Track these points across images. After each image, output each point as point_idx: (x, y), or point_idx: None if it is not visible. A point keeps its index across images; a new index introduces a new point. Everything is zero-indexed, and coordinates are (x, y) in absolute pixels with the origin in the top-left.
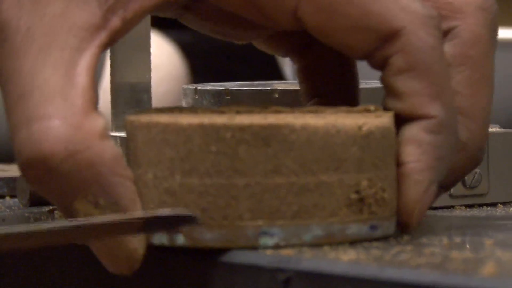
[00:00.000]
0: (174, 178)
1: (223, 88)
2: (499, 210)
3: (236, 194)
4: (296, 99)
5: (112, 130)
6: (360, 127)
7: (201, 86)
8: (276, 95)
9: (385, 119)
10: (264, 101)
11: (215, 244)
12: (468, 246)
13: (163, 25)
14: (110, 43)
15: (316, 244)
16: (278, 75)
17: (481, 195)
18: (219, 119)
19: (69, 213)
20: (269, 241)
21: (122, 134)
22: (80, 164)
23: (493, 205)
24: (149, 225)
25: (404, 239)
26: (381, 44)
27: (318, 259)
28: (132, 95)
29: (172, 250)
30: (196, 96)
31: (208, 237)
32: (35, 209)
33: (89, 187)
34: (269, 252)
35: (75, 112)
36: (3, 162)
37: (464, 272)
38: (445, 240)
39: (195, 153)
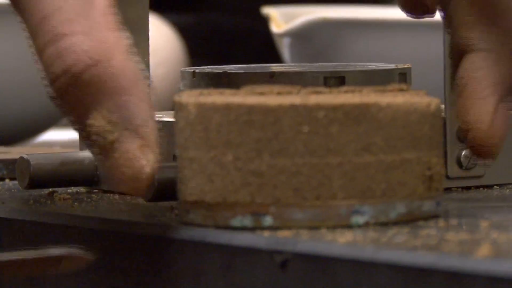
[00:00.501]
0: (261, 159)
1: (221, 71)
2: (496, 192)
3: (330, 173)
4: (294, 81)
5: None
6: (428, 105)
7: (199, 69)
8: (274, 77)
9: (435, 99)
10: (262, 82)
11: (306, 224)
12: (464, 228)
13: (162, 7)
14: None
15: (399, 222)
16: (277, 58)
17: (477, 177)
18: (308, 100)
19: (82, 130)
20: (360, 219)
21: None
22: (101, 74)
23: (490, 187)
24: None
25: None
26: None
27: (315, 241)
28: None
29: (166, 238)
30: (194, 79)
31: (299, 216)
32: (34, 192)
33: (106, 100)
34: (266, 234)
35: (98, 28)
36: (3, 144)
37: (459, 253)
38: (441, 222)
39: (285, 133)
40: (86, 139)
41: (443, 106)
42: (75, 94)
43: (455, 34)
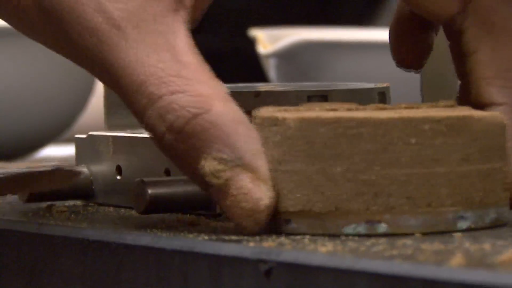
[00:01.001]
0: (372, 169)
1: None
2: None
3: (437, 182)
4: (279, 100)
5: (105, 129)
6: (502, 118)
7: None
8: (260, 96)
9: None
10: (248, 101)
11: (418, 230)
12: (438, 238)
13: None
14: (193, 19)
15: (491, 227)
16: (263, 77)
17: None
18: (407, 113)
19: (196, 175)
20: (464, 224)
21: (115, 134)
22: (204, 124)
23: None
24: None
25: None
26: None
27: (298, 250)
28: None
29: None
30: None
31: (412, 223)
32: (33, 205)
33: (213, 144)
34: (251, 244)
35: (192, 84)
36: (2, 160)
37: (434, 262)
38: (417, 233)
39: (394, 145)
40: (201, 181)
41: None
42: (182, 146)
43: (474, 87)
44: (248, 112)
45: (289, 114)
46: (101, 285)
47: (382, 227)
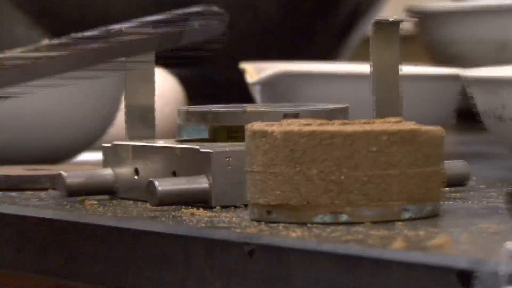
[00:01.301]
0: (340, 171)
1: (207, 109)
2: None
3: (390, 182)
4: (261, 117)
5: (126, 140)
6: (442, 131)
7: (191, 108)
8: (246, 114)
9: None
10: (238, 117)
11: (372, 219)
12: (384, 226)
13: (167, 63)
14: None
15: (428, 217)
16: (251, 101)
17: None
18: (366, 127)
19: None
20: (406, 215)
21: (134, 143)
22: None
23: None
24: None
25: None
26: None
27: (274, 236)
28: (140, 114)
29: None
30: (188, 115)
31: (366, 214)
32: (71, 199)
33: None
34: (238, 230)
35: None
36: (47, 163)
37: (380, 246)
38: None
39: (359, 152)
40: None
41: None
42: None
43: None
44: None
45: (275, 128)
46: (121, 262)
47: (344, 217)
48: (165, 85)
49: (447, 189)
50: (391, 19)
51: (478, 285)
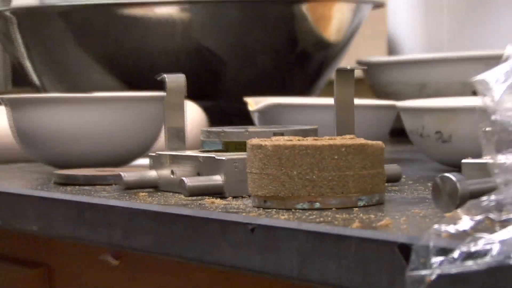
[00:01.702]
0: (313, 172)
1: (221, 129)
2: None
3: (347, 180)
4: (258, 135)
5: (166, 150)
6: (380, 144)
7: (210, 128)
8: (247, 133)
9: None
10: (242, 135)
11: (336, 206)
12: (346, 211)
13: (195, 97)
14: None
15: (376, 204)
16: (251, 123)
17: None
18: (330, 142)
19: None
20: (361, 203)
21: (171, 153)
22: None
23: None
24: None
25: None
26: None
27: (268, 218)
28: (176, 133)
29: (194, 216)
30: (208, 133)
31: (333, 202)
32: (128, 191)
33: None
34: (244, 214)
35: None
36: (112, 167)
37: (342, 225)
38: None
39: (324, 160)
40: None
41: None
42: None
43: None
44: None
45: (267, 142)
46: (163, 236)
47: (317, 205)
48: (193, 113)
49: (387, 184)
50: (347, 68)
51: (413, 255)
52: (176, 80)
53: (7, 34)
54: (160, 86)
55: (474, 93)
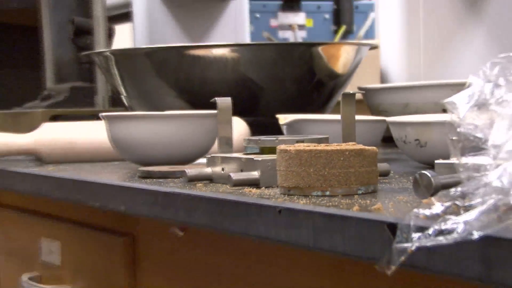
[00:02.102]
0: (325, 170)
1: (258, 138)
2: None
3: (350, 175)
4: (285, 142)
5: (218, 153)
6: (374, 149)
7: (250, 137)
8: (277, 141)
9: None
10: (273, 142)
11: (342, 194)
12: (347, 198)
13: (240, 113)
14: None
15: (371, 192)
16: (281, 133)
17: None
18: (338, 147)
19: None
20: (360, 192)
21: (222, 155)
22: None
23: None
24: None
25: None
26: None
27: (291, 202)
28: (226, 141)
29: (235, 201)
30: (249, 141)
31: (339, 191)
32: (190, 183)
33: None
34: (273, 199)
35: None
36: (180, 164)
37: (345, 208)
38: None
39: (333, 160)
40: None
41: None
42: None
43: None
44: (274, 147)
45: (291, 148)
46: (217, 215)
47: (327, 193)
48: (238, 125)
49: (379, 178)
50: (351, 92)
51: (398, 232)
52: (225, 101)
53: (107, 69)
54: (215, 106)
55: (444, 111)
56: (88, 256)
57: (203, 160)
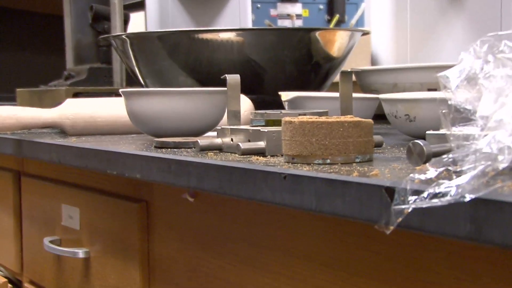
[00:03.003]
0: (326, 139)
1: (264, 112)
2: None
3: (349, 144)
4: (287, 115)
5: (228, 125)
6: (370, 121)
7: (256, 111)
8: (281, 114)
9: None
10: (278, 116)
11: (341, 162)
12: (347, 165)
13: (246, 91)
14: None
15: (368, 161)
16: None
17: None
18: (337, 119)
19: None
20: (358, 160)
21: (232, 127)
22: None
23: None
24: None
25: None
26: None
27: (295, 169)
28: (234, 114)
29: (247, 169)
30: (255, 114)
31: (338, 159)
32: (202, 152)
33: None
34: (278, 166)
35: None
36: (192, 136)
37: (346, 174)
38: (340, 163)
39: (333, 131)
40: None
41: None
42: None
43: None
44: (279, 120)
45: (295, 119)
46: (226, 181)
47: (327, 161)
48: (243, 102)
49: (374, 148)
50: (348, 70)
51: (396, 195)
52: (234, 78)
53: (123, 51)
54: (224, 84)
55: (430, 90)
56: (105, 221)
57: (213, 133)
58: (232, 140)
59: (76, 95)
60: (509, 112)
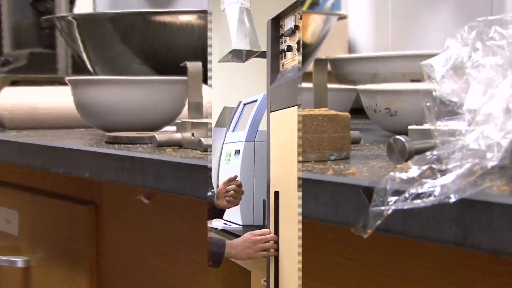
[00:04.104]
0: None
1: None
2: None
3: (323, 140)
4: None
5: (188, 119)
6: (347, 115)
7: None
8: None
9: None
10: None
11: (315, 159)
12: (321, 163)
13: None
14: None
15: (344, 159)
16: None
17: None
18: (311, 112)
19: None
20: (333, 157)
21: (192, 120)
22: None
23: None
24: None
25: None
26: None
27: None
28: (196, 106)
29: None
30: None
31: (312, 156)
32: (160, 148)
33: None
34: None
35: None
36: (148, 131)
37: (320, 173)
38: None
39: (306, 125)
40: None
41: None
42: None
43: None
44: None
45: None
46: (185, 180)
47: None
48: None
49: (352, 145)
50: (323, 58)
51: (375, 195)
52: (195, 66)
53: (69, 34)
54: (184, 72)
55: (412, 81)
56: (48, 226)
57: (171, 128)
58: (193, 135)
59: (14, 83)
60: (499, 105)
